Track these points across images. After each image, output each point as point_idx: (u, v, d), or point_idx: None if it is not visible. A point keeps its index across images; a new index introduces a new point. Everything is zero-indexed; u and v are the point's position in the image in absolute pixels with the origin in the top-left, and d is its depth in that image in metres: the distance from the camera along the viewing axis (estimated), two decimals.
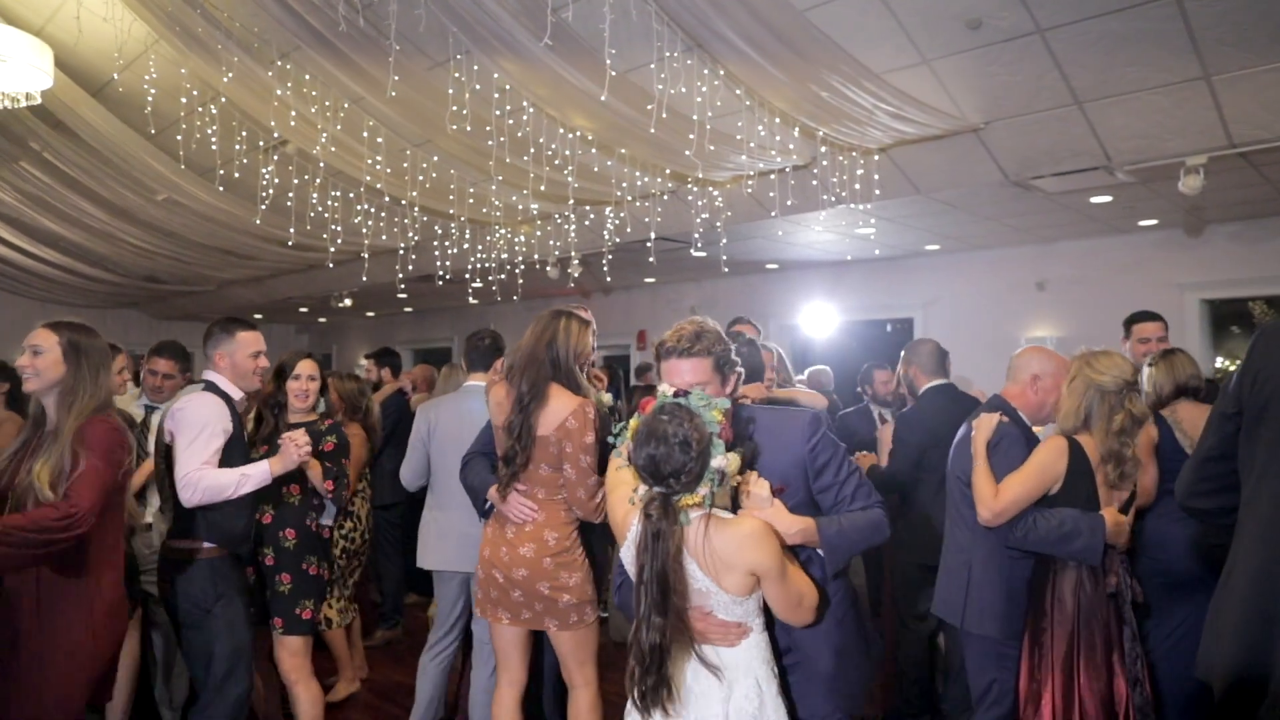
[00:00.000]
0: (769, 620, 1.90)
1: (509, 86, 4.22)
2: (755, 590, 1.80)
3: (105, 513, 2.30)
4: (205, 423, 2.77)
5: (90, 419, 2.31)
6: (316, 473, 3.16)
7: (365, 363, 6.52)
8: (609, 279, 8.44)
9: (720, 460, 1.75)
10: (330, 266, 7.87)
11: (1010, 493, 2.49)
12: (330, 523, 3.30)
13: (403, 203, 5.96)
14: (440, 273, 7.70)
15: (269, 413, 3.36)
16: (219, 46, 4.07)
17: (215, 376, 2.94)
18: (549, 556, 2.69)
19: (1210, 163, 4.41)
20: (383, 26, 3.73)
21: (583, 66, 3.75)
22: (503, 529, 2.78)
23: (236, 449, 2.89)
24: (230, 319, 3.02)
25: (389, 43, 3.70)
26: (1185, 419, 2.96)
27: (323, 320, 14.25)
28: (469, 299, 10.27)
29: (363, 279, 7.76)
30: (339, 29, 3.69)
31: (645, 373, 8.03)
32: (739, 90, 4.08)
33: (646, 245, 6.24)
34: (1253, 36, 3.45)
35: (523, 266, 7.44)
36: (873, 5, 3.56)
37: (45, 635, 2.24)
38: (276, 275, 9.67)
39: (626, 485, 1.86)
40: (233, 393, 2.93)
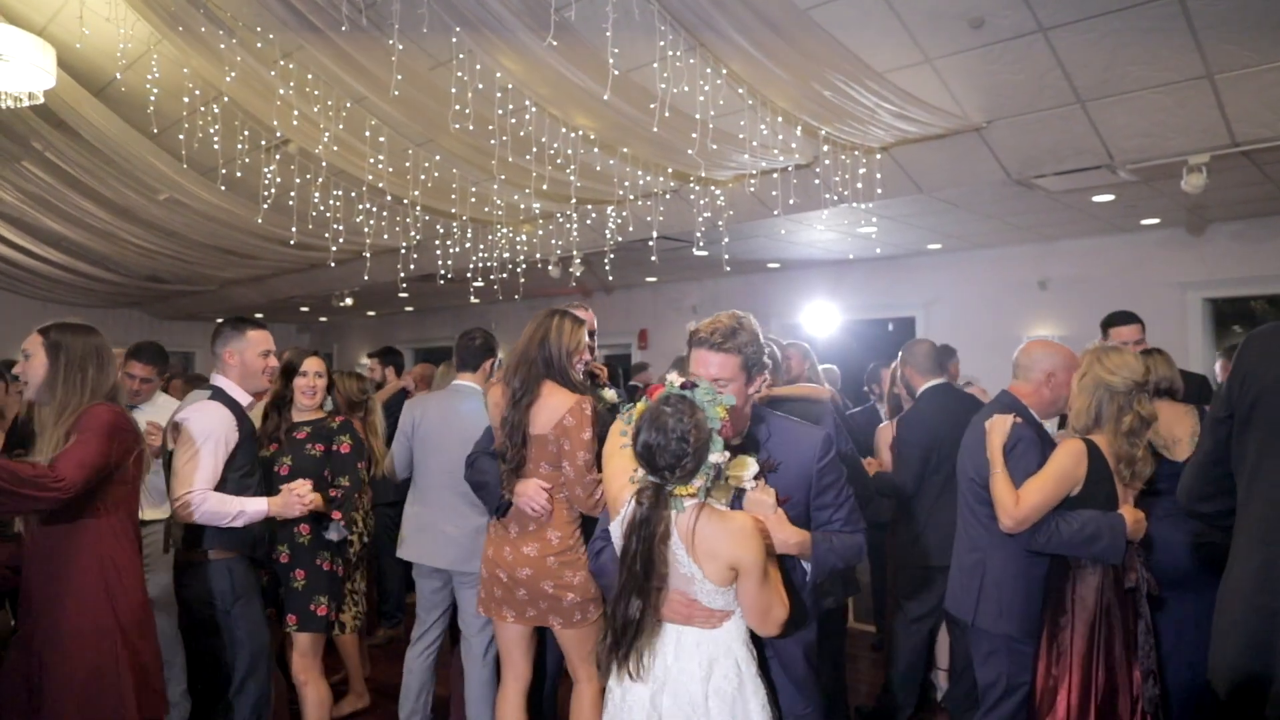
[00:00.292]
0: None
1: (511, 86, 4.22)
2: (735, 583, 1.84)
3: (114, 507, 2.23)
4: (207, 436, 2.72)
5: (92, 407, 2.19)
6: (318, 506, 3.06)
7: (368, 362, 6.53)
8: (611, 278, 8.44)
9: (718, 456, 1.77)
10: (332, 266, 7.87)
11: (1031, 500, 2.48)
12: (336, 538, 3.28)
13: (405, 202, 5.96)
14: (442, 272, 7.70)
15: (274, 411, 3.35)
16: (221, 46, 4.07)
17: (223, 381, 2.88)
18: (553, 555, 2.70)
19: (1213, 161, 4.41)
20: (385, 26, 3.73)
21: (585, 65, 3.75)
22: (506, 528, 2.78)
23: (245, 454, 2.84)
24: (240, 318, 2.99)
25: (392, 42, 3.70)
26: (1160, 419, 2.96)
27: (324, 319, 14.26)
28: (470, 298, 10.28)
29: (364, 278, 7.77)
30: (342, 28, 3.70)
31: (641, 372, 8.03)
32: (741, 89, 4.08)
33: (648, 244, 6.24)
34: (1256, 35, 3.45)
35: (524, 266, 7.44)
36: (875, 4, 3.55)
37: (63, 662, 2.14)
38: (278, 274, 9.67)
39: (625, 457, 1.89)
40: (241, 398, 2.87)
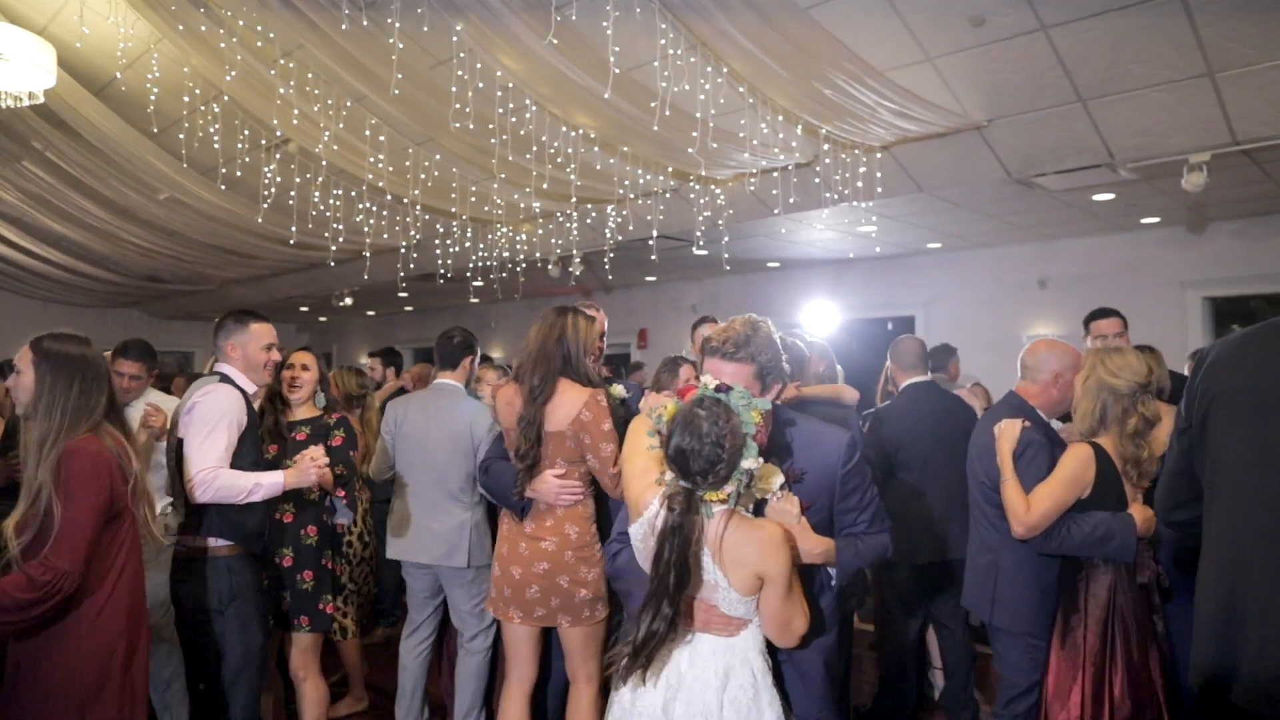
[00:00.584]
0: None
1: (512, 84, 4.22)
2: (759, 592, 1.81)
3: (114, 547, 2.13)
4: (221, 415, 2.71)
5: (71, 447, 2.04)
6: (328, 481, 3.10)
7: (369, 361, 6.54)
8: (610, 277, 8.44)
9: (751, 462, 1.73)
10: (332, 265, 7.88)
11: (1041, 506, 2.49)
12: (346, 521, 3.29)
13: (405, 201, 5.95)
14: (442, 271, 7.70)
15: (269, 406, 3.36)
16: (221, 45, 4.07)
17: (228, 369, 2.88)
18: (570, 550, 2.72)
19: (1213, 160, 4.41)
20: (385, 25, 3.73)
21: (586, 64, 3.75)
22: (521, 525, 2.79)
23: (250, 442, 2.84)
24: (243, 310, 2.97)
25: (392, 40, 3.70)
26: None
27: (324, 319, 14.26)
28: (470, 298, 10.29)
29: (364, 278, 7.78)
30: (342, 27, 3.69)
31: (635, 372, 8.02)
32: (742, 88, 4.08)
33: (648, 243, 6.25)
34: (1257, 33, 3.44)
35: (524, 265, 7.44)
36: (876, 2, 3.55)
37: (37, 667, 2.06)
38: (278, 274, 9.67)
39: (648, 458, 1.86)
40: (247, 386, 2.88)
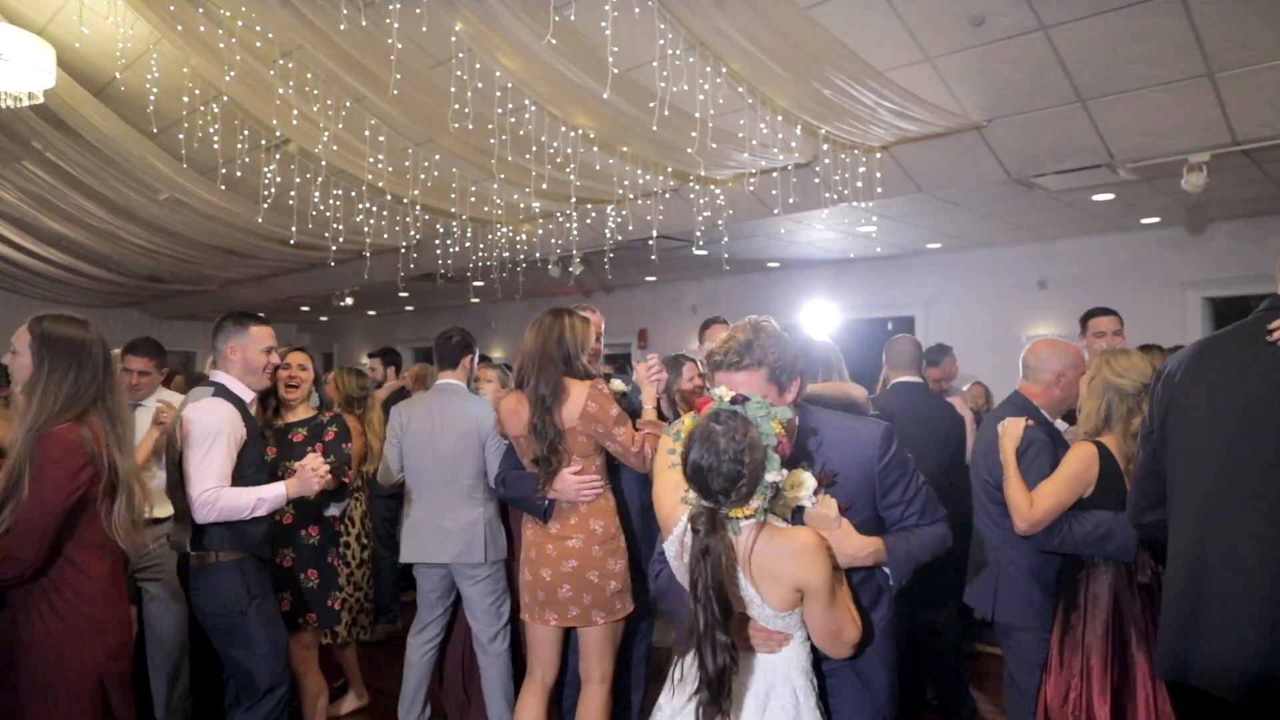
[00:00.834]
0: None
1: (511, 85, 4.22)
2: (798, 606, 1.72)
3: (77, 539, 2.11)
4: (216, 432, 2.67)
5: (50, 431, 2.04)
6: (332, 482, 3.09)
7: (369, 362, 6.55)
8: (610, 278, 8.44)
9: (775, 475, 1.64)
10: (332, 265, 7.88)
11: (1044, 503, 2.52)
12: (338, 513, 3.32)
13: (404, 201, 5.96)
14: (442, 271, 7.70)
15: (261, 406, 3.36)
16: (221, 45, 4.07)
17: (224, 378, 2.82)
18: (597, 544, 2.76)
19: (1213, 160, 4.41)
20: (384, 25, 3.73)
21: (585, 64, 3.75)
22: (545, 527, 2.81)
23: (254, 451, 2.82)
24: (242, 313, 2.93)
25: (391, 40, 3.70)
26: None
27: (324, 319, 14.26)
28: (470, 298, 10.30)
29: (364, 278, 7.78)
30: (340, 28, 3.69)
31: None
32: (741, 88, 4.08)
33: (648, 244, 6.25)
34: (1256, 33, 3.44)
35: (524, 265, 7.44)
36: (875, 2, 3.55)
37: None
38: (278, 274, 9.68)
39: (676, 474, 1.76)
40: (243, 394, 2.82)
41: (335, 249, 6.83)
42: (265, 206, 5.94)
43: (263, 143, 5.38)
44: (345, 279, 9.13)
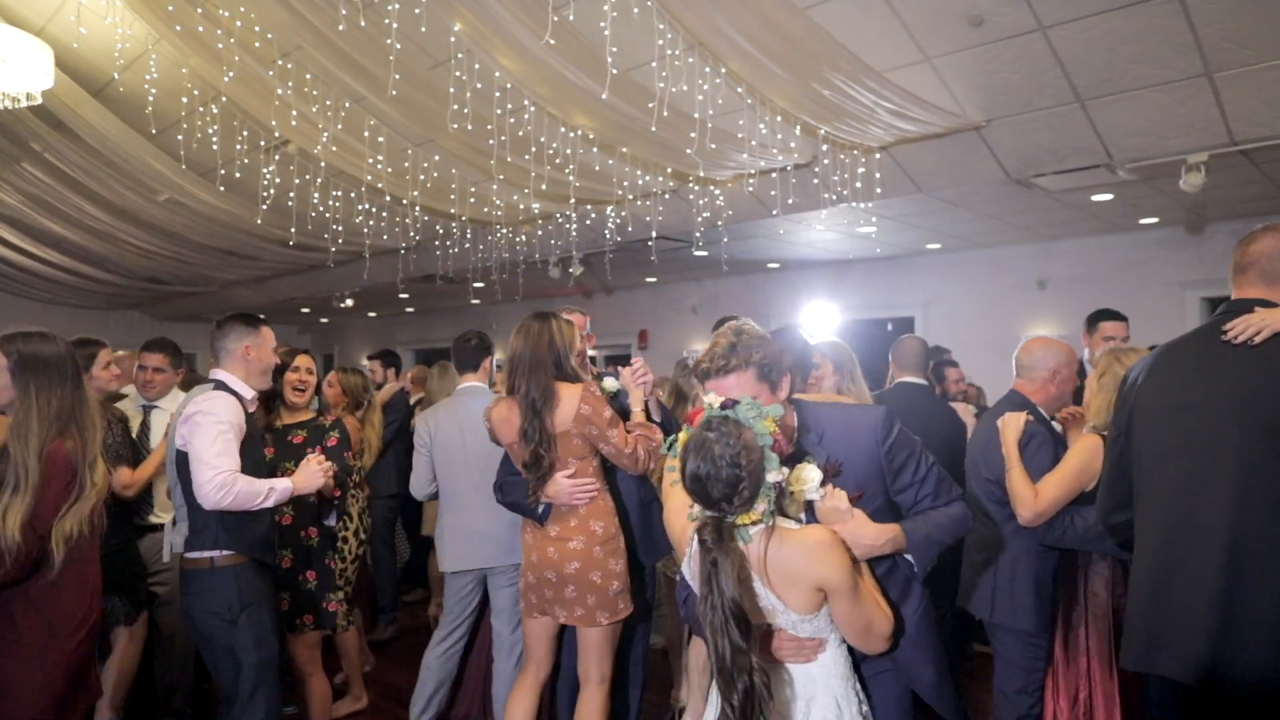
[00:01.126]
0: None
1: (510, 85, 4.22)
2: (823, 606, 1.66)
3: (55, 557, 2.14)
4: (223, 419, 2.61)
5: (47, 450, 2.11)
6: (331, 487, 3.07)
7: (368, 364, 6.55)
8: (610, 278, 8.45)
9: (776, 475, 1.60)
10: (331, 267, 7.89)
11: (1050, 494, 2.53)
12: (333, 524, 3.32)
13: (404, 202, 5.96)
14: (441, 273, 7.70)
15: (262, 407, 3.35)
16: (220, 46, 4.07)
17: (226, 376, 2.77)
18: (598, 545, 2.76)
19: (1212, 160, 4.41)
20: (383, 25, 3.73)
21: (584, 65, 3.75)
22: (545, 530, 2.81)
23: (251, 449, 2.78)
24: (250, 315, 2.88)
25: (390, 41, 3.70)
26: None
27: (324, 321, 14.27)
28: (470, 299, 10.29)
29: (364, 279, 7.78)
30: (339, 28, 3.69)
31: None
32: (740, 88, 4.08)
33: (648, 244, 6.25)
34: (1255, 33, 3.44)
35: (524, 266, 7.44)
36: (874, 3, 3.56)
37: None
38: (278, 275, 9.68)
39: (682, 493, 1.72)
40: (244, 393, 2.78)
41: (335, 250, 6.84)
42: (264, 207, 5.93)
43: (262, 144, 5.38)
44: (345, 280, 9.14)
